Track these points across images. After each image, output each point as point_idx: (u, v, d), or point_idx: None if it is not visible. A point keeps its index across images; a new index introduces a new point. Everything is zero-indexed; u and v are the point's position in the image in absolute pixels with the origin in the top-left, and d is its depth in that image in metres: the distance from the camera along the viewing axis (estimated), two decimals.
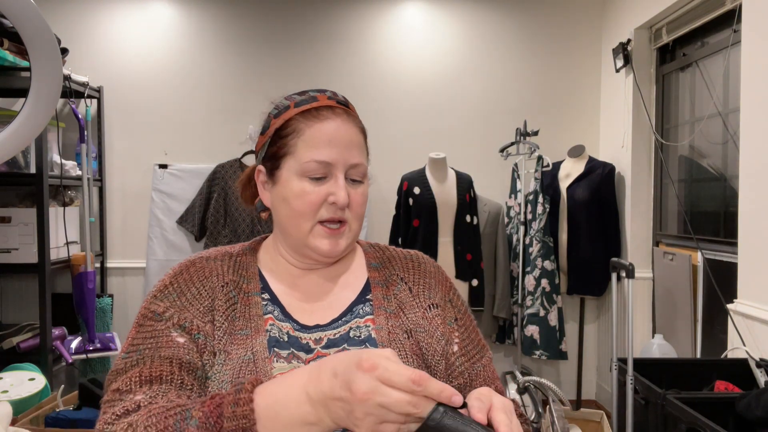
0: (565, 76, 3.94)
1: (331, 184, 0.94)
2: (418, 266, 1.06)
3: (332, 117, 0.96)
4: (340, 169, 0.94)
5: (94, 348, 3.29)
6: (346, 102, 1.01)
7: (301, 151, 0.94)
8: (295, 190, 0.94)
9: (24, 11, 1.30)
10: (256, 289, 0.98)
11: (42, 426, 2.23)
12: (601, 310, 3.86)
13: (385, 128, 3.89)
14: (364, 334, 0.96)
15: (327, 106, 0.97)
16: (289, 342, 0.94)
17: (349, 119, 0.98)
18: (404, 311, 0.99)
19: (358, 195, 0.97)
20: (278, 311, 0.97)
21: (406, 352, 0.94)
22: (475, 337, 1.04)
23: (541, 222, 3.47)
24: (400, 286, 1.02)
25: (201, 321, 0.91)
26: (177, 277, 0.96)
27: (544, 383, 2.89)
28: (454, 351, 0.99)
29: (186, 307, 0.92)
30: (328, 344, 0.95)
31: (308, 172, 0.94)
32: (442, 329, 0.99)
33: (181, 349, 0.87)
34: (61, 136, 3.45)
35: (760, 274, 2.25)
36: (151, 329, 0.89)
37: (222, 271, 0.98)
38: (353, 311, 0.99)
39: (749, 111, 2.35)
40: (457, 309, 1.04)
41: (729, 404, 1.88)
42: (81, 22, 3.79)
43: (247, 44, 3.86)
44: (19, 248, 3.06)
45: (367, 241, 1.12)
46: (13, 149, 1.42)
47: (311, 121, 0.95)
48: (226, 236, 3.62)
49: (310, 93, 0.99)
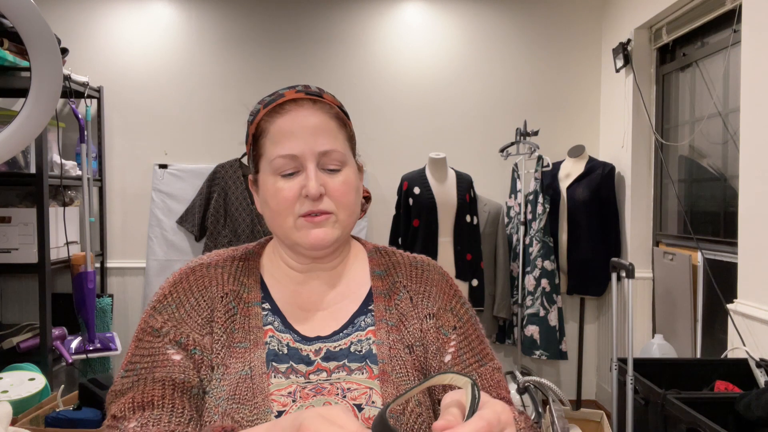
0: (565, 76, 3.94)
1: (303, 177, 0.91)
2: (421, 274, 1.02)
3: (294, 109, 0.92)
4: (309, 160, 0.90)
5: (94, 348, 3.29)
6: (319, 92, 0.96)
7: (268, 149, 0.92)
8: (270, 189, 0.92)
9: (24, 11, 1.30)
10: (256, 298, 0.96)
11: (42, 426, 2.23)
12: (601, 310, 3.86)
13: (385, 128, 3.90)
14: (365, 348, 0.93)
15: (292, 99, 0.93)
16: (288, 354, 0.92)
17: (315, 107, 0.93)
18: (405, 324, 0.96)
19: (338, 183, 0.92)
20: (278, 322, 0.95)
21: (407, 368, 0.92)
22: (477, 346, 0.98)
23: (541, 222, 3.48)
24: (402, 296, 0.99)
25: (199, 334, 0.90)
26: (176, 285, 0.94)
27: (544, 383, 2.89)
28: (446, 362, 0.95)
29: (184, 319, 0.91)
30: (328, 356, 0.93)
31: (278, 169, 0.91)
32: (437, 342, 0.95)
33: (176, 367, 0.87)
34: (61, 136, 3.46)
35: (760, 274, 2.25)
36: (148, 346, 0.89)
37: (222, 279, 0.96)
38: (355, 323, 0.96)
39: (749, 111, 2.35)
40: (458, 317, 0.99)
41: (729, 404, 1.88)
42: (81, 22, 3.79)
43: (247, 44, 3.86)
44: (19, 248, 3.06)
45: (375, 244, 1.08)
46: (13, 149, 1.42)
47: (274, 118, 0.92)
48: (226, 236, 3.62)
49: (280, 91, 0.96)
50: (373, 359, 0.92)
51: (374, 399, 0.88)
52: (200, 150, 3.84)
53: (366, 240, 1.09)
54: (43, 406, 2.31)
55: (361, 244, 1.07)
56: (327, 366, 0.91)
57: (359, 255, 1.05)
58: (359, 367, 0.91)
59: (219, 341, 0.90)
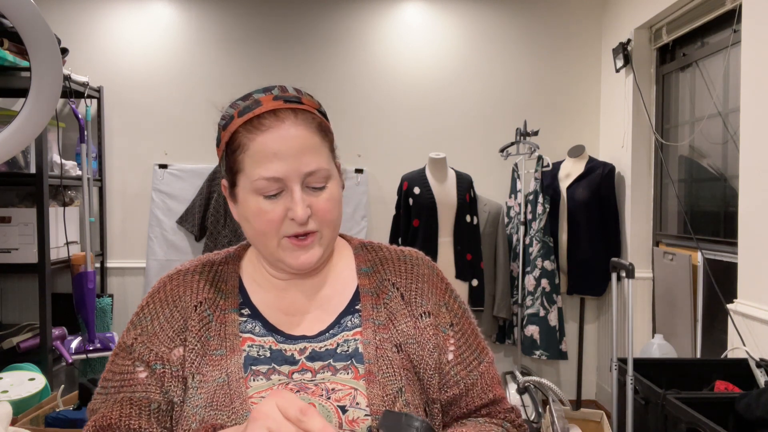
0: (565, 76, 3.94)
1: (287, 198, 0.87)
2: (411, 269, 0.99)
3: (275, 125, 0.87)
4: (294, 181, 0.86)
5: (94, 348, 3.29)
6: (297, 97, 0.90)
7: (249, 168, 0.87)
8: (252, 209, 0.88)
9: (24, 11, 1.30)
10: (234, 305, 0.94)
11: (42, 426, 2.23)
12: (601, 310, 3.86)
13: (385, 128, 3.89)
14: (352, 347, 0.92)
15: (270, 110, 0.88)
16: (270, 357, 0.90)
17: (297, 122, 0.88)
18: (394, 322, 0.94)
19: (323, 202, 0.89)
20: (259, 326, 0.93)
21: (394, 368, 0.90)
22: (473, 341, 0.98)
23: (541, 222, 3.48)
24: (391, 293, 0.96)
25: (167, 347, 0.91)
26: (153, 296, 0.96)
27: (544, 383, 2.90)
28: (449, 360, 0.94)
29: (156, 332, 0.92)
30: (313, 356, 0.91)
31: (260, 190, 0.87)
32: (435, 340, 0.94)
33: (139, 386, 0.90)
34: (61, 136, 3.46)
35: (760, 274, 2.25)
36: (120, 363, 0.93)
37: (197, 287, 0.95)
38: (341, 323, 0.94)
39: (749, 111, 2.35)
40: (453, 313, 0.98)
41: (729, 404, 1.88)
42: (81, 22, 3.79)
43: (247, 44, 3.86)
44: (19, 248, 3.06)
45: (361, 239, 1.05)
46: (13, 149, 1.42)
47: (253, 134, 0.87)
48: (226, 236, 3.62)
49: (254, 96, 0.91)
50: (359, 359, 0.90)
51: (358, 400, 0.86)
52: (200, 150, 3.84)
53: (352, 237, 1.06)
54: (43, 406, 2.31)
55: (345, 241, 1.05)
56: (312, 366, 0.90)
57: (344, 252, 1.02)
58: (344, 367, 0.90)
59: (194, 350, 0.90)
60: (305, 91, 0.94)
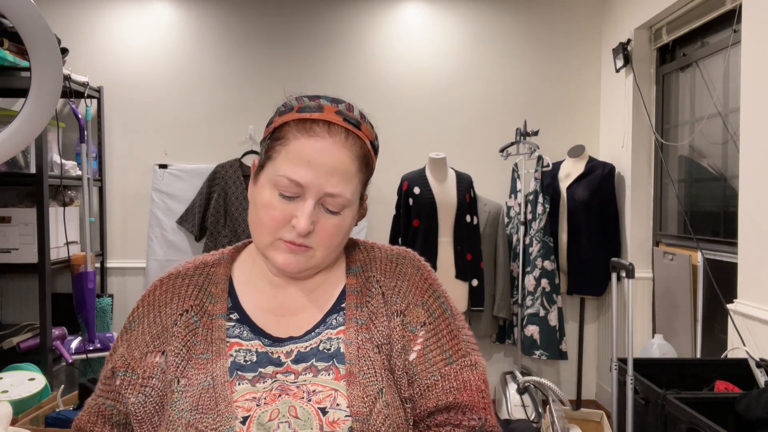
0: (565, 76, 3.94)
1: (299, 206, 0.87)
2: (395, 268, 0.98)
3: (323, 136, 0.87)
4: (312, 194, 0.87)
5: (94, 348, 3.29)
6: (358, 121, 0.91)
7: (279, 161, 0.88)
8: (264, 199, 0.89)
9: (24, 11, 1.30)
10: (222, 310, 0.95)
11: (42, 426, 2.22)
12: (601, 310, 3.86)
13: (385, 128, 3.89)
14: (334, 347, 0.91)
15: (326, 121, 0.88)
16: (257, 362, 0.91)
17: (345, 143, 0.88)
18: (375, 322, 0.93)
19: (330, 225, 0.89)
20: (247, 330, 0.93)
21: (375, 369, 0.89)
22: (447, 342, 0.93)
23: (541, 222, 3.48)
24: (374, 291, 0.96)
25: (141, 352, 0.94)
26: (144, 299, 1.00)
27: (544, 383, 2.90)
28: (411, 360, 0.91)
29: (137, 337, 0.96)
30: (298, 358, 0.91)
31: (279, 186, 0.88)
32: (403, 340, 0.92)
33: (112, 393, 0.95)
34: (61, 136, 3.46)
35: (760, 274, 2.25)
36: (106, 368, 0.98)
37: (186, 293, 0.97)
38: (326, 322, 0.94)
39: (749, 111, 2.35)
40: (429, 312, 0.94)
41: (729, 404, 1.88)
42: (81, 22, 3.79)
43: (247, 44, 3.86)
44: (19, 248, 3.06)
45: (357, 239, 1.04)
46: (13, 149, 1.42)
47: (300, 134, 0.88)
48: (226, 236, 3.62)
49: (321, 101, 0.91)
50: (340, 359, 0.90)
51: (339, 401, 0.86)
52: (200, 150, 3.84)
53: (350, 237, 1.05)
54: (43, 406, 2.31)
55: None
56: (296, 368, 0.90)
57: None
58: (326, 368, 0.89)
59: (179, 354, 0.91)
60: (356, 115, 0.93)
